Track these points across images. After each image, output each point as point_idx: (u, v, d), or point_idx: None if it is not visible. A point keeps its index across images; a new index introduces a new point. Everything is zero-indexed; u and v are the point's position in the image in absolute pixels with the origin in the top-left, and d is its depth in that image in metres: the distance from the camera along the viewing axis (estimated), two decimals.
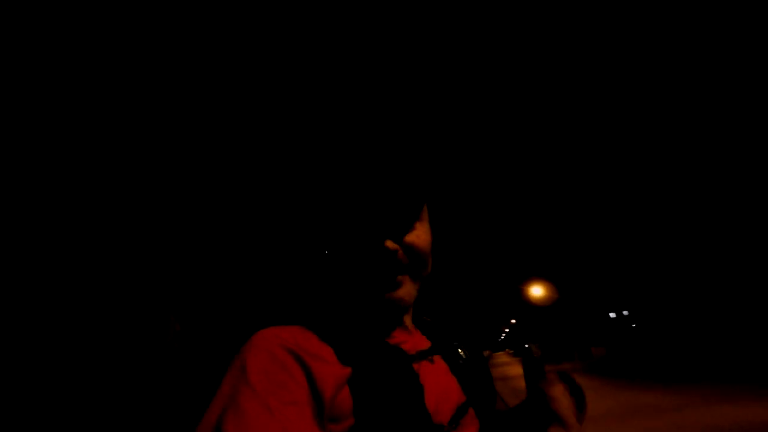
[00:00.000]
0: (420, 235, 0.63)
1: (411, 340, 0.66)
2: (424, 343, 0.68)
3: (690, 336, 15.50)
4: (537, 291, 20.98)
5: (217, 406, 0.44)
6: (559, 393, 0.72)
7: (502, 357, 42.79)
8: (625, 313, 23.83)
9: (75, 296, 3.77)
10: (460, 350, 0.74)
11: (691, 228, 14.62)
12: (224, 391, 0.46)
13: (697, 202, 13.68)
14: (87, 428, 3.31)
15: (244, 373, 0.47)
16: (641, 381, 9.77)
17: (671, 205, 14.51)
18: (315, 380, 0.48)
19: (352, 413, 0.50)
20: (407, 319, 0.69)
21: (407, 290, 0.61)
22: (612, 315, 24.81)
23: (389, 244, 0.58)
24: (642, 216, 15.86)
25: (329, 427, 0.48)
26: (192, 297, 4.42)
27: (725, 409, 5.19)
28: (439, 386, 0.61)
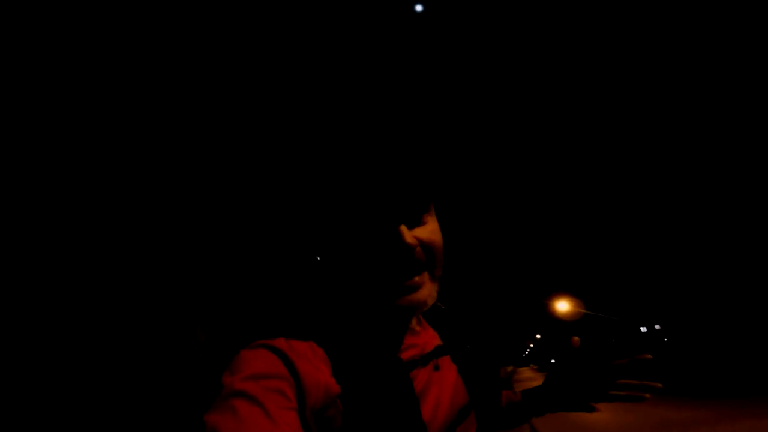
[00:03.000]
0: (435, 231, 0.59)
1: (418, 341, 0.63)
2: (434, 341, 0.66)
3: (724, 349, 14.75)
4: (562, 306, 20.38)
5: (214, 413, 0.44)
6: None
7: (526, 372, 41.50)
8: (657, 327, 22.85)
9: (100, 306, 3.86)
10: (469, 346, 0.72)
11: (721, 241, 14.04)
12: (220, 399, 0.45)
13: (732, 217, 13.15)
14: None
15: (239, 379, 0.46)
16: (675, 395, 9.33)
17: (705, 219, 14.00)
18: (302, 384, 0.47)
19: (340, 429, 0.49)
20: (413, 320, 0.66)
21: (428, 291, 0.57)
22: (643, 329, 23.82)
23: (405, 234, 0.53)
24: (673, 230, 15.33)
25: None
26: (218, 307, 4.46)
27: (757, 425, 4.93)
28: (442, 392, 0.59)
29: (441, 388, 0.59)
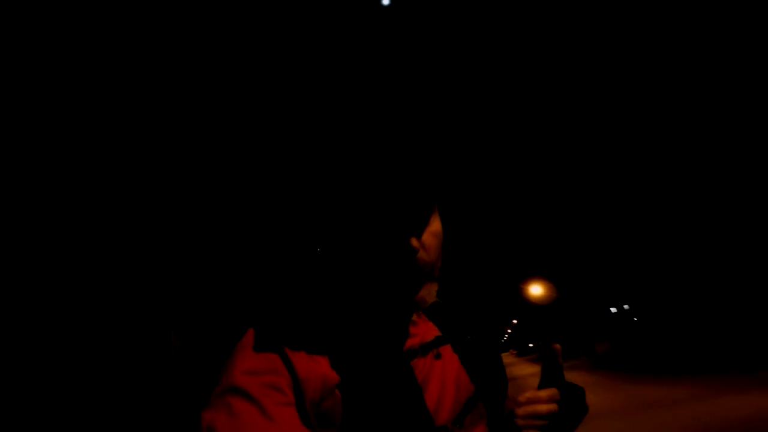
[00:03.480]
0: (437, 232, 0.60)
1: (417, 331, 0.63)
2: (432, 333, 0.65)
3: (694, 327, 15.52)
4: (536, 290, 20.94)
5: (210, 410, 0.44)
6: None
7: (506, 358, 42.81)
8: (626, 307, 23.85)
9: (74, 315, 3.71)
10: (470, 337, 0.71)
11: (687, 221, 14.70)
12: (216, 396, 0.45)
13: (695, 196, 13.76)
14: None
15: (235, 375, 0.46)
16: (649, 374, 9.74)
17: (668, 198, 14.60)
18: (299, 378, 0.47)
19: (342, 420, 0.48)
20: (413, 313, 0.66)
21: (428, 290, 0.59)
22: (613, 310, 24.83)
23: (414, 243, 0.55)
24: (638, 210, 15.94)
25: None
26: (192, 312, 4.37)
27: (738, 400, 5.17)
28: (445, 381, 0.59)
29: (444, 378, 0.59)
